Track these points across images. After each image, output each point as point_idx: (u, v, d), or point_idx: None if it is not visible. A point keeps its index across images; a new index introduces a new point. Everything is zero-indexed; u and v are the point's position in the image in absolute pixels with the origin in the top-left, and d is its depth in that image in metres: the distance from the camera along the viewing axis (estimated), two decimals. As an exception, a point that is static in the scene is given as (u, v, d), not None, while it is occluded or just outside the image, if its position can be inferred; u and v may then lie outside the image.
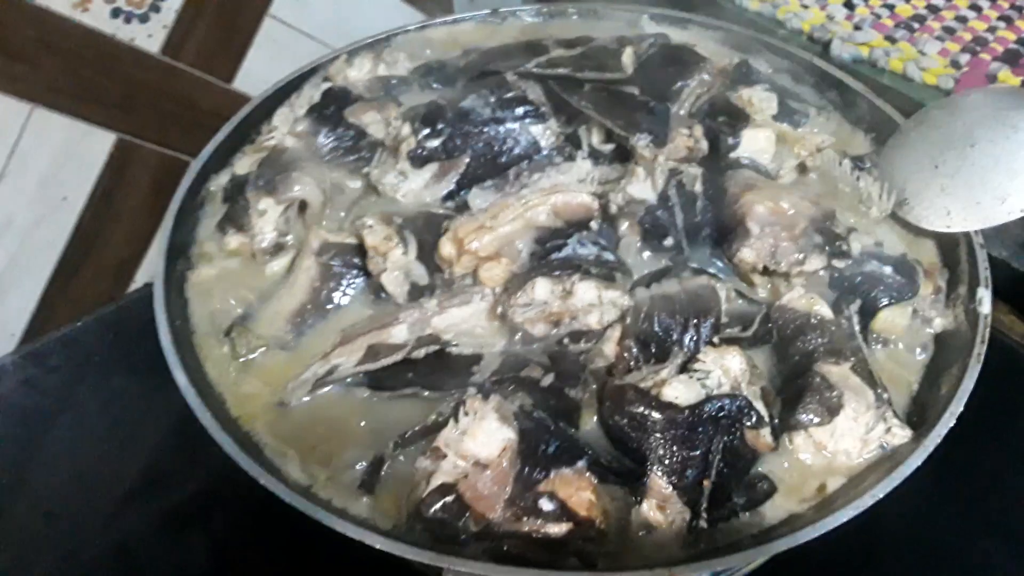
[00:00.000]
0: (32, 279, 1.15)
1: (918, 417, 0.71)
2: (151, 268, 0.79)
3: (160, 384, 0.70)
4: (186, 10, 1.11)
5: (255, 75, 1.22)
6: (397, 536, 0.61)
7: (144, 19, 1.07)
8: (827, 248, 0.78)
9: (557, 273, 0.72)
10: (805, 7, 1.18)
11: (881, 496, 0.64)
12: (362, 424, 0.70)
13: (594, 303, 0.72)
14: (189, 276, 0.81)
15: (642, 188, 0.80)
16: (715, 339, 0.71)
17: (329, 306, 0.77)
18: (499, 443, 0.64)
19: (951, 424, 0.67)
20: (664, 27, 1.04)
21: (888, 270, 0.78)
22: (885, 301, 0.77)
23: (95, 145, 1.12)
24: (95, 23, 1.04)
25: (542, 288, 0.71)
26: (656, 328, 0.71)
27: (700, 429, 0.65)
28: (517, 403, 0.66)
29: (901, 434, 0.68)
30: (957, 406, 0.68)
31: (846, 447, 0.68)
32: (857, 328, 0.75)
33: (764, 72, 0.97)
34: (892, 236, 0.83)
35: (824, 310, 0.75)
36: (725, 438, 0.66)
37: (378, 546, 0.60)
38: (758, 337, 0.73)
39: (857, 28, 1.14)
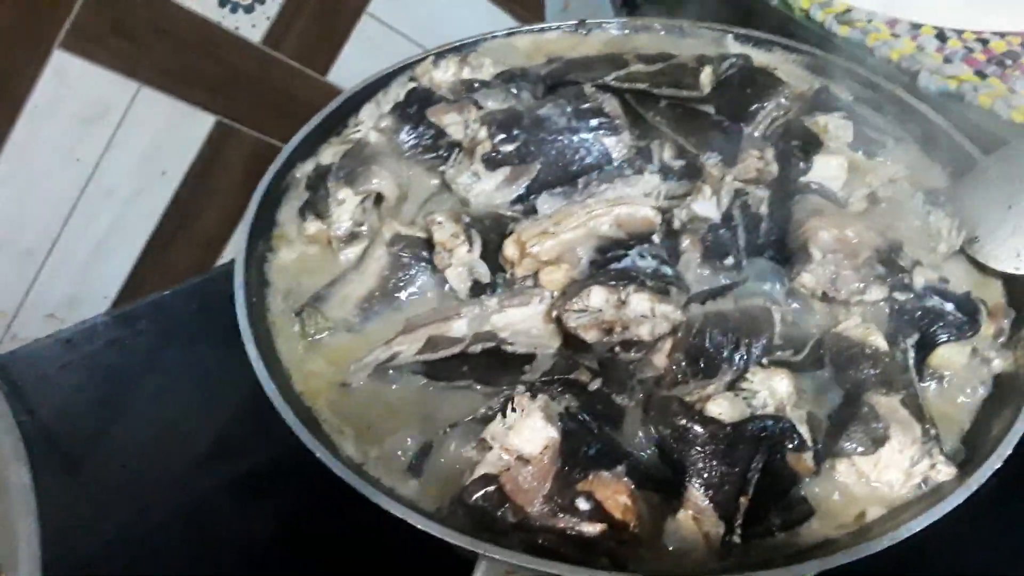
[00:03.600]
0: (129, 247, 1.23)
1: (966, 456, 0.71)
2: (237, 245, 0.83)
3: (238, 356, 0.74)
4: (289, 3, 1.17)
5: (349, 69, 1.27)
6: (438, 519, 0.64)
7: (249, 10, 1.13)
8: (889, 280, 0.78)
9: (613, 283, 0.74)
10: (896, 36, 1.17)
11: (918, 530, 0.64)
12: (416, 411, 0.74)
13: (647, 315, 0.73)
14: (269, 257, 0.85)
15: (707, 206, 0.82)
16: (764, 360, 0.72)
17: (396, 295, 0.81)
18: (542, 440, 0.66)
19: (997, 466, 0.67)
20: (748, 48, 1.05)
21: (950, 307, 0.78)
22: (944, 338, 0.76)
23: (195, 125, 1.19)
24: (203, 11, 1.11)
25: (597, 296, 0.73)
26: (707, 344, 0.73)
27: (741, 447, 0.66)
28: (564, 404, 0.69)
29: (946, 471, 0.68)
30: (1005, 449, 0.68)
31: (889, 478, 0.69)
32: (912, 362, 0.75)
33: (845, 100, 0.97)
34: (959, 273, 0.83)
35: (879, 341, 0.75)
36: (766, 458, 0.67)
37: (419, 526, 0.63)
38: (809, 362, 0.74)
39: (947, 61, 1.12)
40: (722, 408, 0.68)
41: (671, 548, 0.65)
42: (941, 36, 1.17)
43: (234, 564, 0.85)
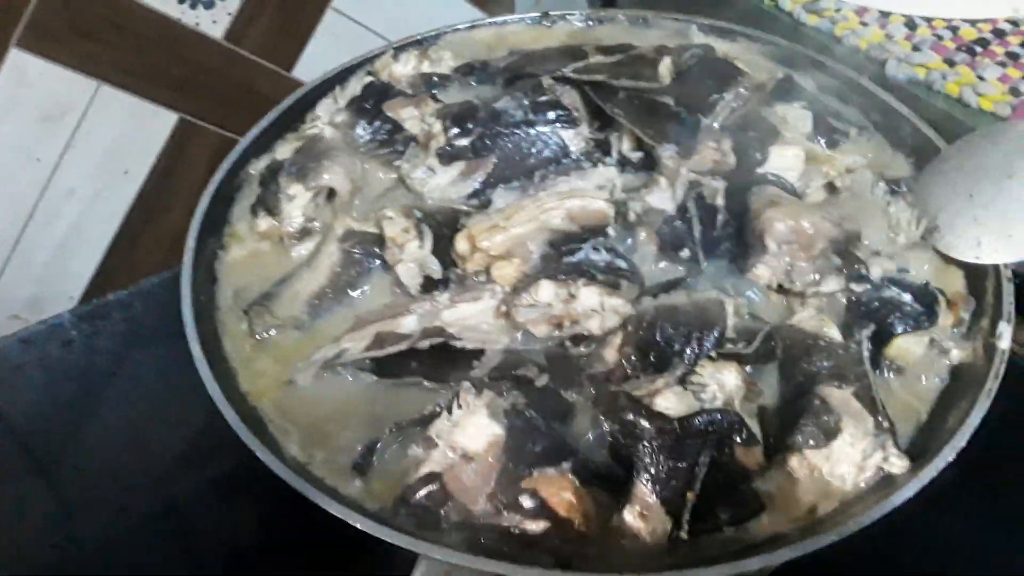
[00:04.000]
0: (92, 246, 1.22)
1: (922, 448, 0.70)
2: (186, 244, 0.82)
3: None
4: (250, -1, 1.16)
5: (315, 65, 1.26)
6: (379, 518, 0.63)
7: (209, 5, 1.12)
8: (845, 271, 0.77)
9: (562, 277, 0.73)
10: (864, 24, 1.16)
11: (867, 523, 0.63)
12: (364, 409, 0.73)
13: (596, 309, 0.72)
14: (220, 255, 0.85)
15: (662, 198, 0.80)
16: (713, 353, 0.71)
17: (347, 291, 0.80)
18: (487, 437, 0.65)
19: (950, 458, 0.66)
20: (712, 38, 1.04)
21: (908, 297, 0.77)
22: (901, 329, 0.75)
23: (158, 123, 1.18)
24: (162, 7, 1.10)
25: (546, 290, 0.73)
26: (657, 338, 0.72)
27: (688, 441, 0.65)
28: (510, 401, 0.68)
29: (898, 464, 0.67)
30: (960, 440, 0.67)
31: (841, 472, 0.67)
32: (867, 354, 0.74)
33: (808, 89, 0.96)
34: (919, 264, 0.81)
35: (833, 332, 0.74)
36: (713, 452, 0.65)
37: (358, 526, 0.62)
38: (760, 354, 0.73)
39: (916, 49, 1.11)
40: (670, 402, 0.67)
41: (617, 545, 0.64)
42: (910, 24, 1.16)
43: (215, 566, 0.84)
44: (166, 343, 0.94)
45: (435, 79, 0.97)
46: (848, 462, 0.67)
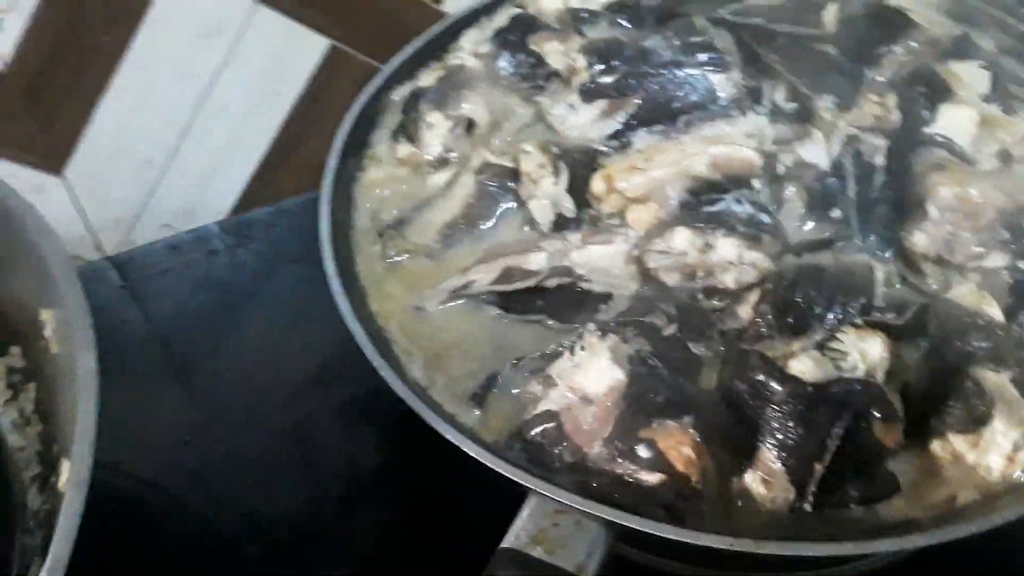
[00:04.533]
0: (242, 165, 1.25)
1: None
2: (328, 162, 0.84)
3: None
4: (405, -73, 1.15)
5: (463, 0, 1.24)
6: (493, 450, 0.63)
7: (364, -68, 1.12)
8: (1014, 246, 0.71)
9: (700, 225, 0.70)
10: (1059, -18, 1.05)
11: (1013, 519, 0.58)
12: (487, 342, 0.73)
13: (733, 261, 0.69)
14: (359, 176, 0.85)
15: (815, 152, 0.76)
16: (858, 320, 0.67)
17: (479, 224, 0.79)
18: (608, 382, 0.64)
19: (1120, 460, 0.60)
20: (885, -13, 0.96)
21: (1083, 282, 0.70)
22: (1072, 316, 0.69)
23: (310, 47, 1.19)
24: (319, -68, 1.11)
25: (682, 237, 0.70)
26: (798, 298, 0.68)
27: (822, 409, 0.62)
28: (635, 347, 0.66)
29: (1055, 460, 0.62)
30: None
31: (988, 462, 0.62)
32: (1031, 339, 0.68)
33: (986, 49, 0.88)
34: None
35: (995, 312, 0.68)
36: (848, 424, 0.62)
37: (472, 454, 0.62)
38: (912, 328, 0.68)
39: (1116, 12, 1.00)
40: (805, 367, 0.63)
41: (735, 509, 0.62)
42: (1115, -17, 1.04)
43: (335, 487, 0.87)
44: (305, 264, 0.96)
45: (583, 15, 0.94)
46: (997, 452, 0.62)
